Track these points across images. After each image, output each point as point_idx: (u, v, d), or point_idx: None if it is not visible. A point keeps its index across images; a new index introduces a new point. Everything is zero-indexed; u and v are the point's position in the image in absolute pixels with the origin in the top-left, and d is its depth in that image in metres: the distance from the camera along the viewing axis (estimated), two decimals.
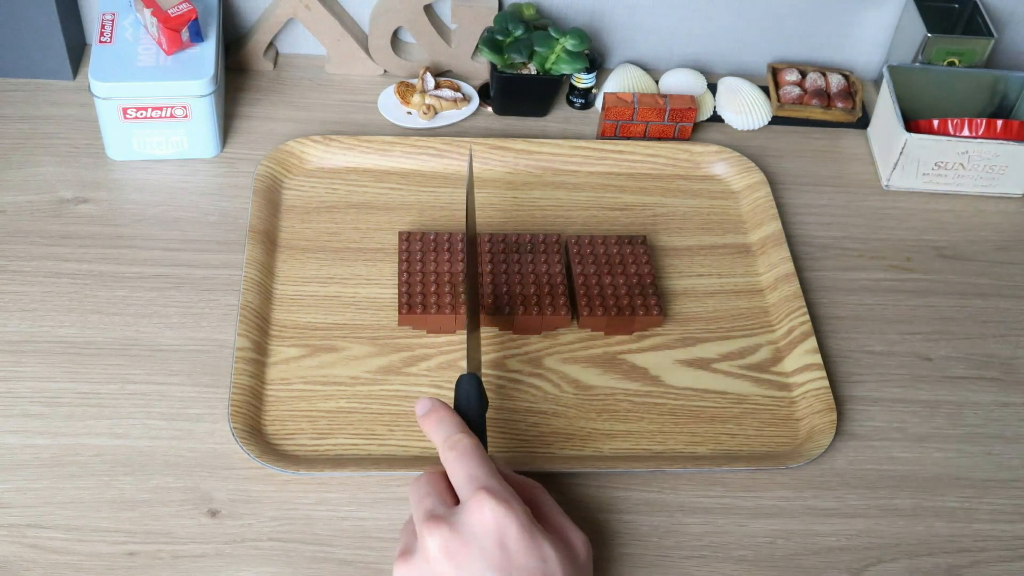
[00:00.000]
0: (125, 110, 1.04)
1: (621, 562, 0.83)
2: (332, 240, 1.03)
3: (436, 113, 1.17)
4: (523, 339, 0.97)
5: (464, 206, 1.06)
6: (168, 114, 1.05)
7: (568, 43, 1.14)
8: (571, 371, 0.95)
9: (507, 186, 1.10)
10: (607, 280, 0.98)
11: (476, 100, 1.19)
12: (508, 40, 1.15)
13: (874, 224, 1.12)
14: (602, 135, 1.15)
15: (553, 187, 1.11)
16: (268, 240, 1.01)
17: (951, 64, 1.20)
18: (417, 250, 0.98)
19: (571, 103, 1.21)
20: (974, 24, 1.20)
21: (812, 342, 0.97)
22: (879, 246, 1.10)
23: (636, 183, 1.12)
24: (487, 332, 0.97)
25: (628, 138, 1.15)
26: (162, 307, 0.96)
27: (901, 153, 1.12)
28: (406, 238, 0.99)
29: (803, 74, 1.25)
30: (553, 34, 1.14)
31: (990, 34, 1.18)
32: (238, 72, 1.20)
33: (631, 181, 1.12)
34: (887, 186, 1.16)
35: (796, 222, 1.11)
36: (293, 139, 1.10)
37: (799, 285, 1.02)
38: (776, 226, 1.07)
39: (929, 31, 1.17)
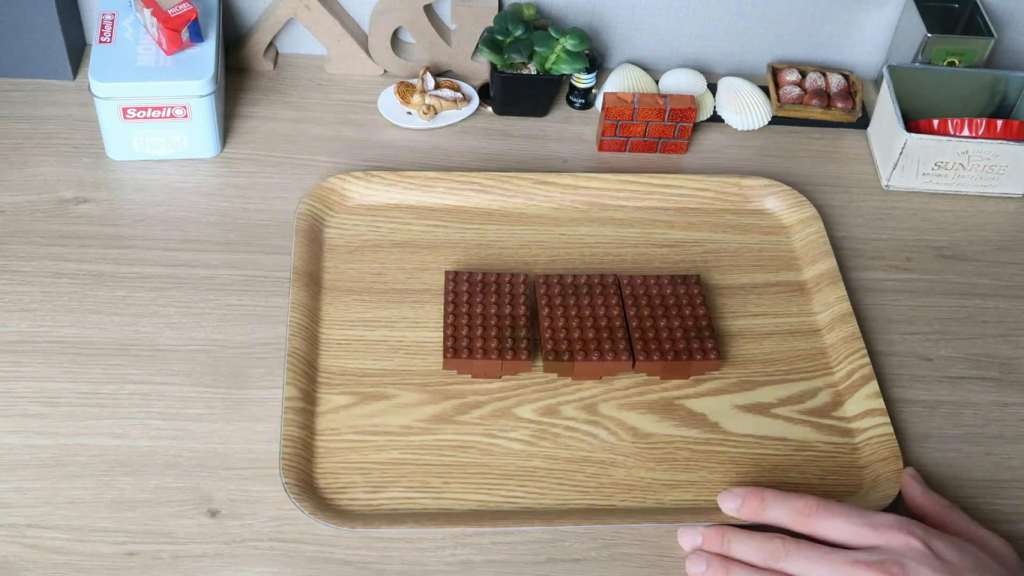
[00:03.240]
0: (125, 110, 1.04)
1: None
2: (377, 281, 0.99)
3: (436, 113, 1.17)
4: (577, 384, 0.93)
5: (512, 244, 1.03)
6: (168, 114, 1.05)
7: (568, 43, 1.14)
8: (628, 418, 0.92)
9: (553, 222, 1.06)
10: (662, 323, 0.94)
11: (476, 100, 1.19)
12: (508, 40, 1.15)
13: (874, 224, 1.12)
14: (602, 135, 1.15)
15: (600, 223, 1.07)
16: (312, 282, 0.97)
17: (951, 64, 1.20)
18: (464, 291, 0.95)
19: (571, 103, 1.21)
20: (974, 24, 1.20)
21: (873, 385, 0.94)
22: (879, 246, 1.10)
23: (684, 218, 1.08)
24: (540, 377, 0.93)
25: (676, 172, 1.12)
26: (162, 307, 0.96)
27: (901, 153, 1.12)
28: (452, 278, 0.96)
29: (803, 74, 1.25)
30: (553, 34, 1.14)
31: (990, 34, 1.18)
32: (238, 72, 1.20)
33: (679, 216, 1.09)
34: (887, 186, 1.16)
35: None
36: (334, 175, 1.06)
37: (857, 325, 0.99)
38: (830, 263, 1.04)
39: (929, 31, 1.17)
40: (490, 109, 1.20)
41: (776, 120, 1.22)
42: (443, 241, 1.03)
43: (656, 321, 0.95)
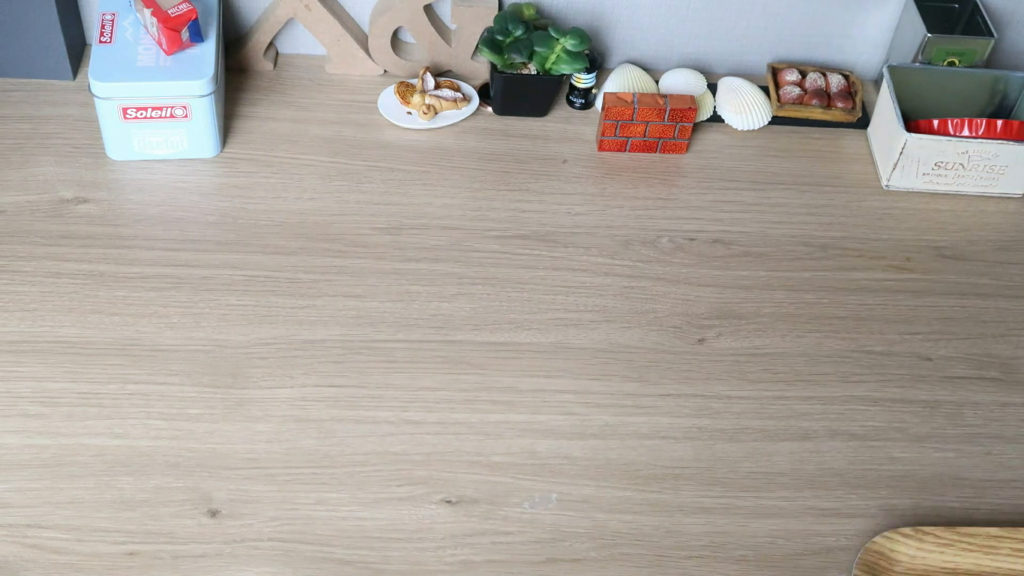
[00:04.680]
0: (125, 110, 1.04)
1: None
2: None
3: (436, 113, 1.17)
4: None
5: None
6: (168, 114, 1.05)
7: (568, 43, 1.14)
8: None
9: None
10: None
11: (476, 100, 1.19)
12: (508, 40, 1.15)
13: (874, 224, 1.12)
14: (602, 135, 1.15)
15: None
16: None
17: (951, 64, 1.20)
18: None
19: (571, 103, 1.21)
20: (974, 24, 1.20)
21: None
22: (879, 246, 1.10)
23: None
24: None
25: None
26: (162, 307, 0.96)
27: (901, 153, 1.12)
28: None
29: (803, 74, 1.25)
30: (553, 34, 1.14)
31: (990, 34, 1.18)
32: (238, 72, 1.20)
33: None
34: (887, 186, 1.16)
35: (796, 222, 1.11)
36: (880, 534, 0.86)
37: None
38: None
39: (929, 31, 1.17)
40: (490, 109, 1.20)
41: (776, 120, 1.22)
42: None
43: None
